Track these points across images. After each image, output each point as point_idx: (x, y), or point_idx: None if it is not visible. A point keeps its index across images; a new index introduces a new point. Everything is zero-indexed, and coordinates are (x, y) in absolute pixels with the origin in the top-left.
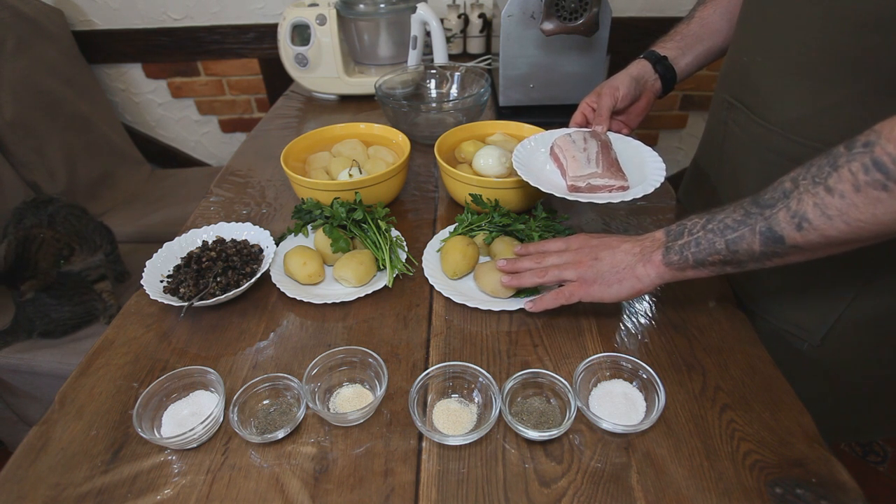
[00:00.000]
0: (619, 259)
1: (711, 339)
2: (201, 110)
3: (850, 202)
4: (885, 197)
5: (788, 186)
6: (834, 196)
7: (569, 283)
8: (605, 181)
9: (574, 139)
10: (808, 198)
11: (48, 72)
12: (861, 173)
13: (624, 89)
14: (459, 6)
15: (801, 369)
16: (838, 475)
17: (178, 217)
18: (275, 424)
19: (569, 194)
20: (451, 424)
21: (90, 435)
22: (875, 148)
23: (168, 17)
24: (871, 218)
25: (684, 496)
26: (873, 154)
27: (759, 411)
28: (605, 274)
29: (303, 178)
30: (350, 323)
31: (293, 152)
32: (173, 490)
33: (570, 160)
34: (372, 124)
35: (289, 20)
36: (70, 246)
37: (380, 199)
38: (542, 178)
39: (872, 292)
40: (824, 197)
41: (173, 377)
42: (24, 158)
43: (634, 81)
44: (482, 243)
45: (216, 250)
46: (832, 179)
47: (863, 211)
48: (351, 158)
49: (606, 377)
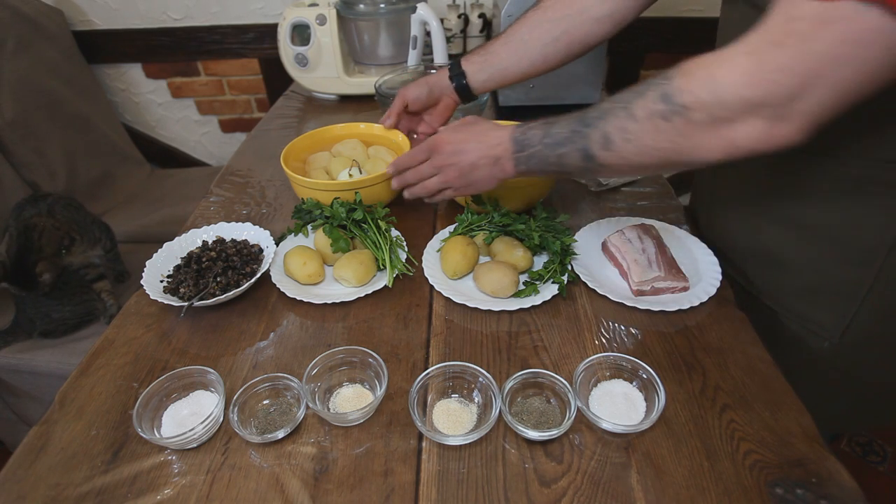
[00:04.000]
0: (482, 170)
1: (711, 339)
2: (201, 110)
3: (642, 128)
4: (666, 127)
5: (607, 106)
6: (633, 120)
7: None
8: (668, 283)
9: (629, 238)
10: (615, 120)
11: (48, 72)
12: (652, 103)
13: (414, 94)
14: (459, 6)
15: (820, 368)
16: (838, 475)
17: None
18: (275, 424)
19: (636, 300)
20: (451, 424)
21: (90, 435)
22: (671, 81)
23: (168, 17)
24: (655, 144)
25: (684, 496)
26: (667, 86)
27: (759, 411)
28: (472, 183)
29: (303, 178)
30: (350, 323)
31: (293, 152)
32: (173, 490)
33: (632, 264)
34: (372, 124)
35: (289, 20)
36: (70, 235)
37: (380, 200)
38: (602, 279)
39: (885, 286)
40: (625, 120)
41: (173, 377)
42: (24, 158)
43: (428, 87)
44: (482, 243)
45: (216, 250)
46: (635, 105)
47: (650, 137)
48: (351, 158)
49: (606, 377)
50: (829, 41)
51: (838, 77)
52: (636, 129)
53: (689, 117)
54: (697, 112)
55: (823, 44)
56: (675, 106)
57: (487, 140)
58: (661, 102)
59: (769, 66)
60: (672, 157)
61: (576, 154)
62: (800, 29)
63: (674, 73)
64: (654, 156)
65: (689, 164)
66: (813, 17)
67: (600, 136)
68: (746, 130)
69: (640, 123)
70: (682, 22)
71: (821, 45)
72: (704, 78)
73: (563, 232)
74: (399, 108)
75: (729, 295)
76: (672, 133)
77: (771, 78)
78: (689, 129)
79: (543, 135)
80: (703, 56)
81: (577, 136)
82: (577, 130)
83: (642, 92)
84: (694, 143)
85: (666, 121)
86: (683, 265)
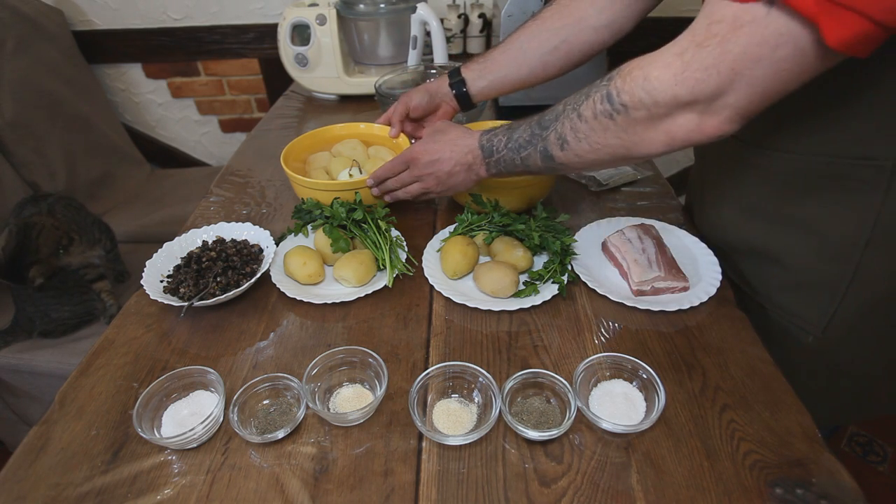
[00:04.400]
0: (459, 176)
1: (711, 339)
2: (201, 110)
3: (591, 126)
4: (611, 125)
5: (560, 109)
6: (582, 121)
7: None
8: (668, 283)
9: (629, 238)
10: (567, 121)
11: (48, 72)
12: (598, 103)
13: (416, 101)
14: (459, 6)
15: (809, 362)
16: (838, 475)
17: (178, 217)
18: (275, 424)
19: (636, 300)
20: (451, 424)
21: (90, 435)
22: (612, 82)
23: (168, 17)
24: (604, 141)
25: (684, 496)
26: (609, 87)
27: (759, 411)
28: (452, 187)
29: (303, 178)
30: (350, 323)
31: (293, 152)
32: (173, 490)
33: (632, 264)
34: (371, 124)
35: (289, 20)
36: (69, 235)
37: (380, 200)
38: (602, 280)
39: (864, 280)
40: (576, 121)
41: (173, 377)
42: (24, 158)
43: (428, 95)
44: (482, 243)
45: (216, 250)
46: (583, 107)
47: (599, 135)
48: (351, 158)
49: (606, 377)
50: (744, 43)
51: (758, 75)
52: (586, 128)
53: (629, 115)
54: (636, 110)
55: (739, 45)
56: (617, 105)
57: (458, 149)
58: (605, 102)
59: (695, 66)
60: (621, 151)
61: (537, 155)
62: (719, 31)
63: (614, 74)
64: (605, 151)
65: (637, 158)
66: (730, 20)
67: (556, 136)
68: (680, 124)
69: (589, 123)
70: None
71: (737, 47)
72: (640, 78)
73: (563, 232)
74: (402, 115)
75: (729, 295)
76: (617, 130)
77: (697, 77)
78: (632, 125)
79: (507, 140)
80: (641, 57)
81: (537, 139)
82: (536, 133)
83: (588, 94)
84: (637, 137)
85: (610, 119)
86: (683, 265)
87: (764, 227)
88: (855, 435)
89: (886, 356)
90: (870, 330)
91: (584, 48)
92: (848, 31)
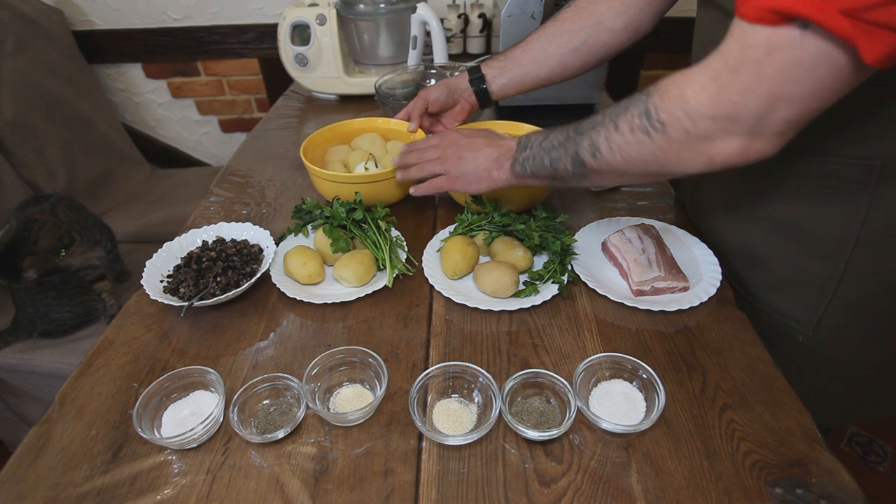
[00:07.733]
0: (480, 163)
1: (711, 339)
2: (201, 110)
3: (626, 140)
4: (646, 140)
5: (598, 119)
6: (618, 133)
7: (439, 177)
8: (668, 283)
9: (629, 238)
10: (603, 131)
11: (48, 72)
12: (635, 118)
13: (434, 95)
14: (459, 6)
15: (802, 361)
16: (838, 475)
17: (178, 217)
18: (275, 424)
19: (636, 300)
20: (451, 424)
21: (90, 435)
22: (650, 98)
23: (168, 17)
24: (638, 156)
25: (684, 496)
26: (646, 103)
27: (759, 411)
28: (467, 173)
29: (322, 170)
30: (350, 323)
31: (312, 145)
32: (173, 490)
33: (632, 264)
34: (389, 119)
35: (289, 20)
36: (70, 235)
37: (394, 194)
38: (602, 280)
39: (852, 279)
40: (612, 133)
41: (173, 377)
42: (24, 158)
43: (447, 90)
44: (482, 243)
45: (216, 250)
46: (620, 119)
47: (633, 149)
48: (368, 152)
49: (606, 377)
50: (779, 65)
51: (797, 94)
52: (620, 140)
53: (667, 133)
54: (674, 129)
55: (775, 68)
56: (655, 122)
57: (495, 139)
58: (643, 118)
59: (731, 90)
60: (654, 167)
61: (568, 160)
62: (753, 55)
63: (652, 89)
64: (638, 166)
65: (670, 175)
66: (763, 44)
67: (589, 144)
68: (723, 147)
69: (625, 136)
70: (682, 22)
71: (773, 70)
72: (677, 97)
73: (563, 232)
74: (421, 110)
75: (729, 295)
76: (653, 147)
77: (735, 100)
78: (668, 143)
79: (543, 139)
80: (674, 75)
81: (570, 143)
82: (571, 138)
83: (627, 107)
84: (675, 157)
85: (647, 135)
86: (683, 265)
87: (755, 227)
88: (855, 435)
89: (877, 357)
90: (859, 329)
91: (602, 50)
92: (887, 48)
